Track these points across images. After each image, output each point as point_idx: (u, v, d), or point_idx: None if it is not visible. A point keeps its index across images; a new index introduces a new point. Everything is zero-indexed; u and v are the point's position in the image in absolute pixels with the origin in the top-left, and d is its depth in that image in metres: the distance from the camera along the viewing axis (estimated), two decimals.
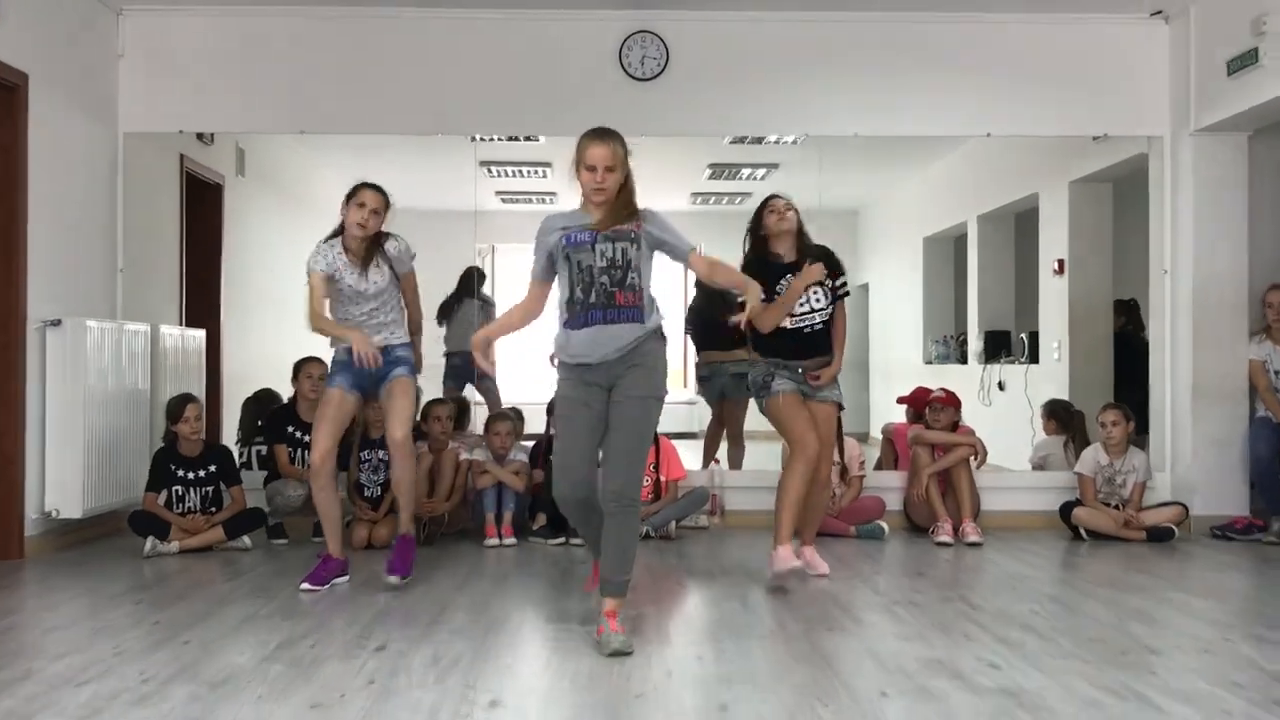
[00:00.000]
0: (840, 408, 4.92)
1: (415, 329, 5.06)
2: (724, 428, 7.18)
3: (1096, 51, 6.46)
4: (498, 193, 10.71)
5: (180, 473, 5.60)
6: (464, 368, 7.65)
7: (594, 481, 3.76)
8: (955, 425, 6.21)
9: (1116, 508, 5.99)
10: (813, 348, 4.80)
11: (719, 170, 9.97)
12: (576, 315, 3.74)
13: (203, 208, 7.58)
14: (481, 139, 8.30)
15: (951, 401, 6.23)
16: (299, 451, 5.86)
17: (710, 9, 6.36)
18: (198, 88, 6.35)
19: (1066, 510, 6.03)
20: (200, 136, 7.34)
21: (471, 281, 8.23)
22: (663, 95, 6.36)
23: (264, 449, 6.11)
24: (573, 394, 3.79)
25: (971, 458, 6.07)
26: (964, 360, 9.90)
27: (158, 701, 3.01)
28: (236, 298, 8.01)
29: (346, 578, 4.74)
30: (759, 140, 8.56)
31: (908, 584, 4.79)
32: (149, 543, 5.35)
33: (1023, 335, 8.90)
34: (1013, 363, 9.04)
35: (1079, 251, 8.07)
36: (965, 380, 9.02)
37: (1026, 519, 6.33)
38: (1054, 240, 8.32)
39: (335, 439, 4.76)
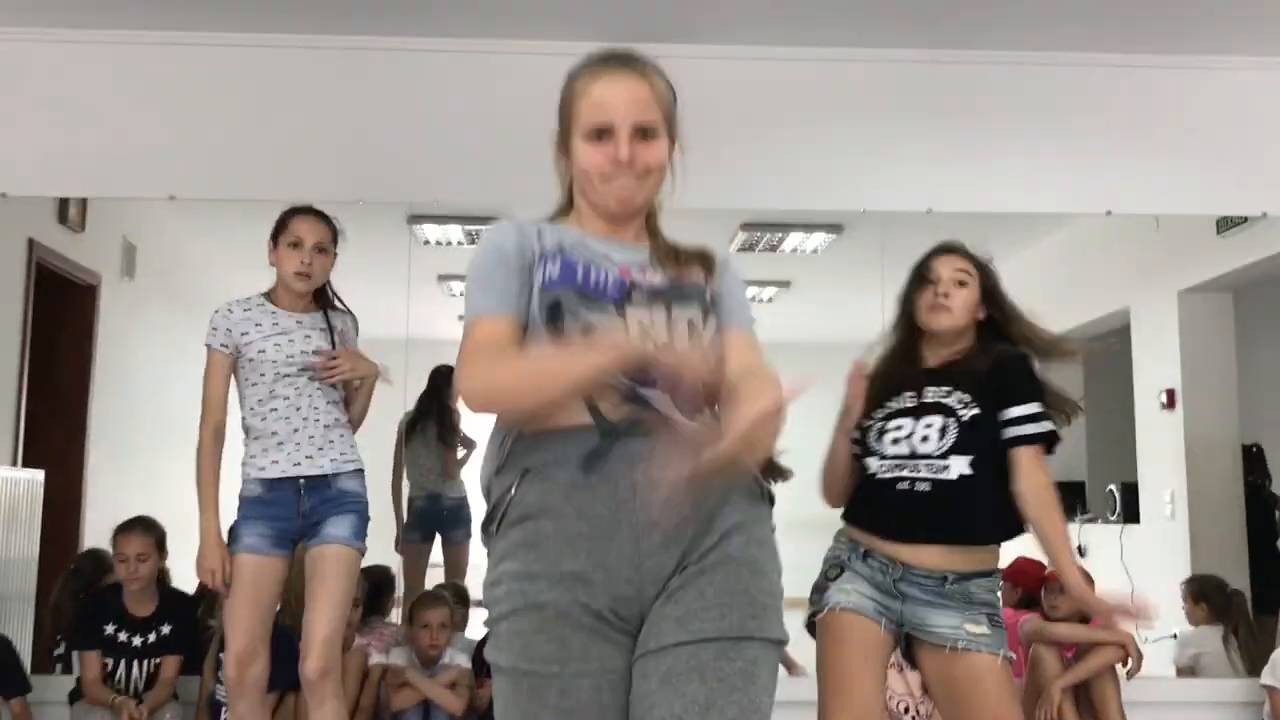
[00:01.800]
0: (1009, 660, 2.79)
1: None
2: None
3: (1242, 108, 4.96)
4: (461, 317, 9.11)
5: None
6: (428, 513, 5.75)
7: None
8: (1085, 614, 4.39)
9: None
10: (924, 522, 2.81)
11: None
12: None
13: (67, 314, 5.91)
14: (437, 243, 6.71)
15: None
16: (120, 664, 3.92)
17: (718, 42, 4.79)
18: (32, 140, 4.72)
19: None
20: (64, 219, 5.66)
21: (437, 386, 6.25)
22: None
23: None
24: (551, 641, 1.67)
25: (1120, 663, 4.25)
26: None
27: None
28: (112, 432, 6.26)
29: None
30: (774, 248, 7.01)
31: None
32: None
33: (1111, 487, 7.18)
34: (1094, 521, 7.31)
35: (1196, 381, 6.41)
36: (1028, 544, 7.29)
37: None
38: (1157, 366, 6.67)
39: (261, 629, 3.16)
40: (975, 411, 2.79)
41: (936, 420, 2.80)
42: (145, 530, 3.93)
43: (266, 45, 4.75)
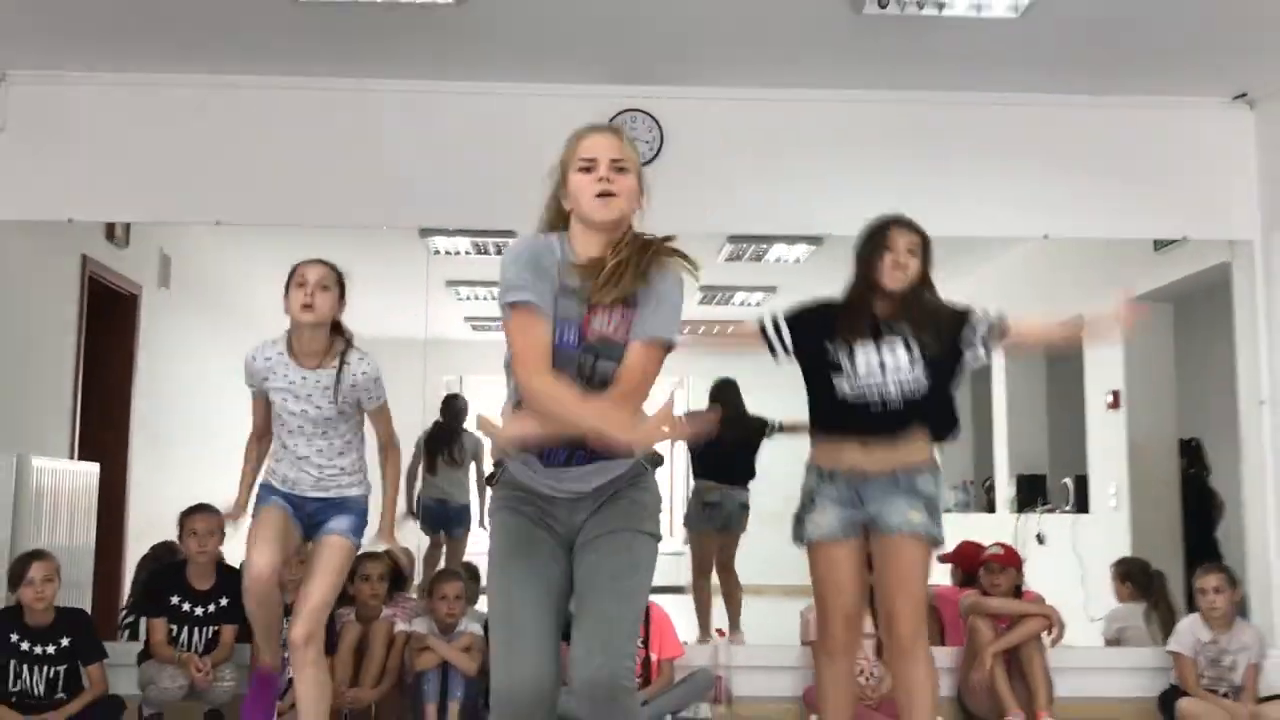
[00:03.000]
0: (934, 543, 3.56)
1: (393, 482, 3.95)
2: (710, 569, 6.34)
3: (1170, 142, 5.50)
4: (467, 318, 9.65)
5: (24, 645, 4.31)
6: (438, 514, 6.71)
7: (556, 678, 2.48)
8: (1018, 590, 5.01)
9: (1225, 695, 4.75)
10: (887, 430, 3.49)
11: (711, 294, 8.93)
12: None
13: (112, 321, 6.49)
14: (445, 252, 7.29)
15: (1013, 560, 5.05)
16: (184, 630, 4.56)
17: (713, 84, 5.37)
18: (93, 170, 5.26)
19: (1167, 700, 4.78)
20: (111, 236, 6.26)
21: (451, 414, 7.07)
22: (656, 184, 5.21)
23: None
24: (523, 529, 2.55)
25: (1045, 632, 4.85)
26: (991, 509, 8.75)
27: None
28: (152, 428, 6.84)
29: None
30: (759, 258, 7.59)
31: None
32: None
33: (1066, 480, 7.77)
34: (1053, 511, 7.89)
35: (1138, 383, 7.01)
36: (995, 532, 7.78)
37: (1106, 707, 5.06)
38: (1105, 370, 7.26)
39: (279, 558, 3.65)
40: (932, 347, 3.49)
41: (902, 353, 3.48)
42: (211, 511, 4.51)
43: (294, 88, 5.29)
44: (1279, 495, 5.32)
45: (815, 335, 3.54)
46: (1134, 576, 5.72)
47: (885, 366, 3.47)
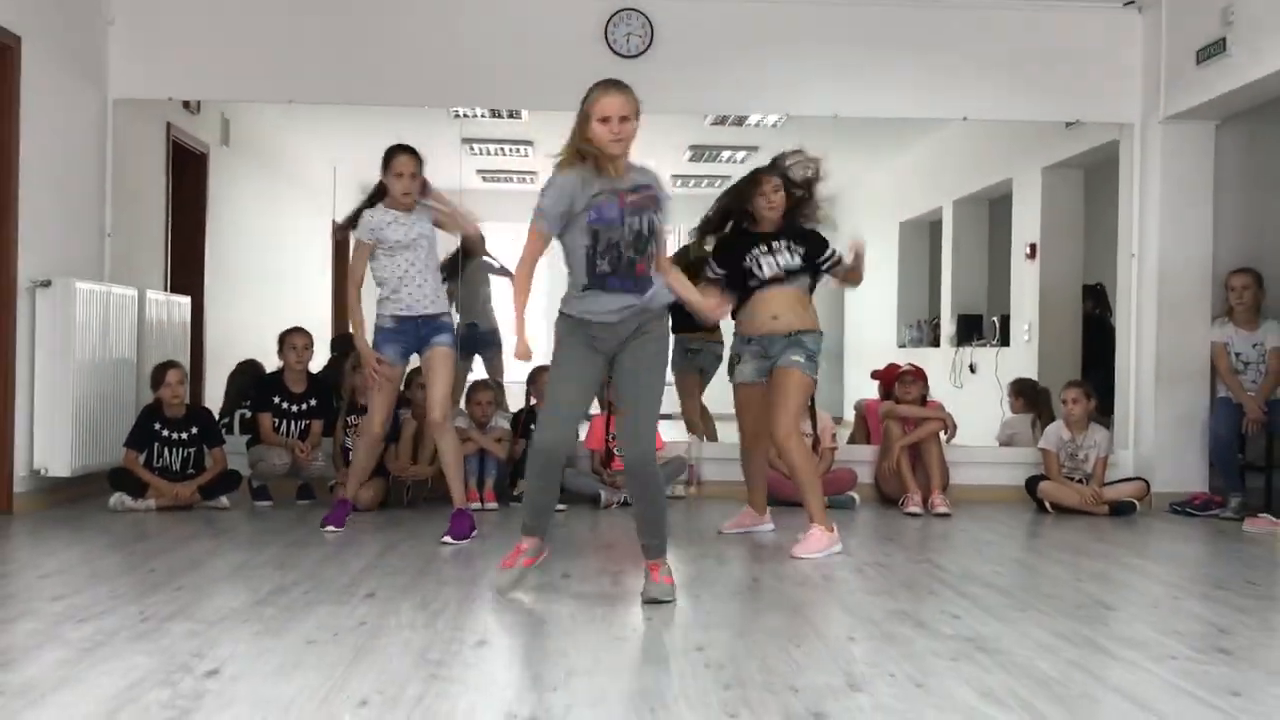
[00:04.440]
0: (810, 379, 4.95)
1: (474, 237, 5.83)
2: (692, 399, 7.37)
3: (1072, 40, 6.61)
4: (479, 171, 10.81)
5: (165, 432, 5.70)
6: (470, 337, 7.62)
7: (573, 444, 3.86)
8: (924, 399, 6.39)
9: (1080, 482, 6.18)
10: (782, 307, 4.91)
11: (699, 152, 10.09)
12: (596, 280, 3.68)
13: (187, 176, 7.68)
14: (465, 115, 8.42)
15: (920, 376, 6.41)
16: (284, 423, 5.99)
17: None
18: (186, 56, 6.41)
19: (1032, 484, 6.22)
20: (186, 105, 7.42)
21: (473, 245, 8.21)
22: (647, 73, 6.43)
23: (248, 413, 6.22)
24: (577, 347, 3.72)
25: (941, 432, 6.26)
26: (937, 344, 10.09)
27: (157, 637, 3.13)
28: (219, 267, 8.11)
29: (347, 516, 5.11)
30: (740, 122, 8.74)
31: (877, 548, 4.96)
32: (114, 498, 5.49)
33: (994, 319, 9.09)
34: (984, 346, 9.23)
35: (1050, 237, 8.27)
36: (938, 363, 9.20)
37: (994, 493, 6.51)
38: (1026, 225, 8.51)
39: (390, 411, 5.12)
40: (802, 250, 4.92)
41: (784, 256, 4.89)
42: (305, 332, 5.91)
43: None
44: (1139, 331, 6.63)
45: (732, 257, 4.99)
46: (1024, 392, 7.11)
47: (778, 264, 4.90)
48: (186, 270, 7.60)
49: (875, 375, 6.87)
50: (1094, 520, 5.90)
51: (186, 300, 7.15)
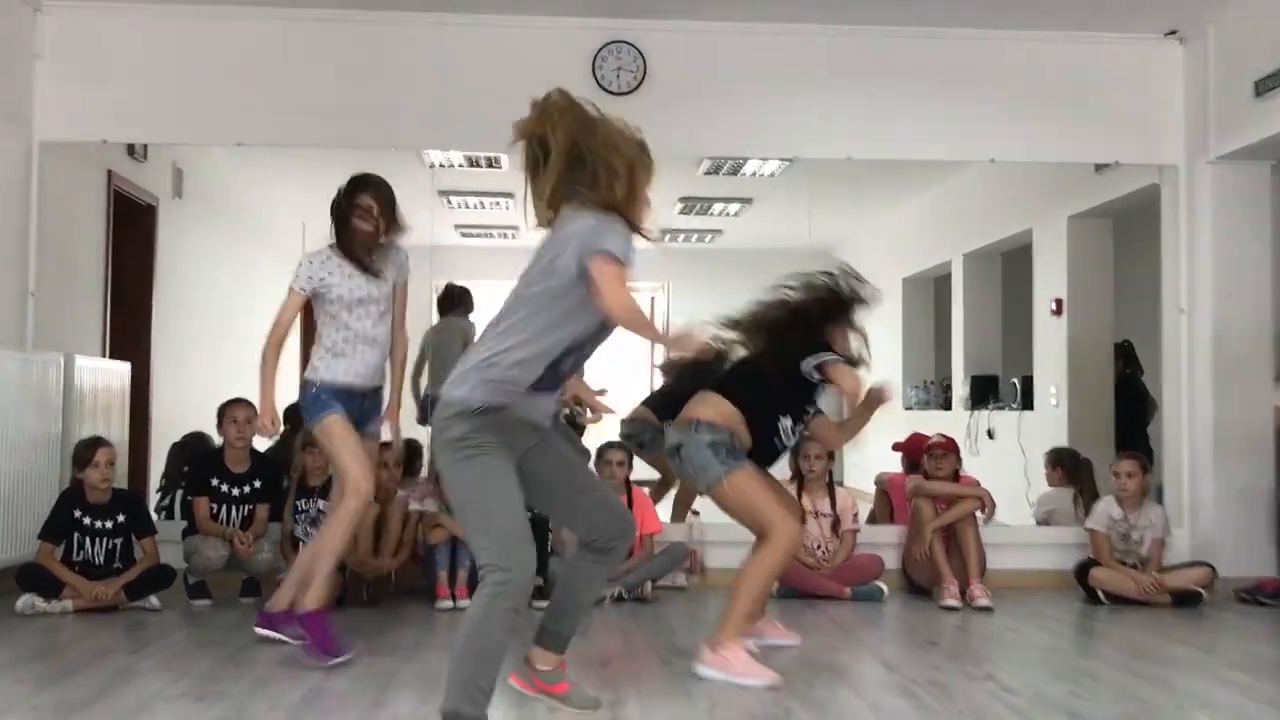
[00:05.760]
0: None
1: (399, 359, 4.41)
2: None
3: (1106, 75, 6.01)
4: (456, 226, 10.11)
5: (87, 521, 4.92)
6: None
7: None
8: (957, 475, 5.66)
9: (1134, 566, 5.45)
10: None
11: (690, 204, 9.44)
12: (546, 379, 2.90)
13: (134, 230, 6.94)
14: (440, 165, 7.75)
15: (952, 448, 5.69)
16: (223, 508, 5.19)
17: (692, 17, 5.84)
18: (124, 94, 5.70)
19: (1083, 570, 5.46)
20: (132, 152, 6.71)
21: (453, 302, 7.48)
22: (639, 112, 5.67)
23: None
24: (503, 450, 2.85)
25: (979, 511, 5.52)
26: (948, 406, 9.40)
27: None
28: (170, 331, 7.35)
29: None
30: (735, 171, 8.09)
31: (922, 657, 4.19)
32: (22, 600, 4.70)
33: (1014, 380, 8.41)
34: (1003, 409, 8.55)
35: (1078, 291, 7.61)
36: (950, 428, 8.38)
37: (1034, 578, 5.76)
38: (1051, 279, 7.85)
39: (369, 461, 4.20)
40: None
41: None
42: (247, 404, 5.11)
43: (306, 19, 5.70)
44: (1191, 394, 5.94)
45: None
46: (1063, 463, 6.38)
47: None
48: (130, 334, 6.84)
49: (897, 447, 6.15)
50: (1156, 613, 5.15)
51: (125, 367, 6.38)
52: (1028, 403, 8.19)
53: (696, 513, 5.99)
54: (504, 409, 2.82)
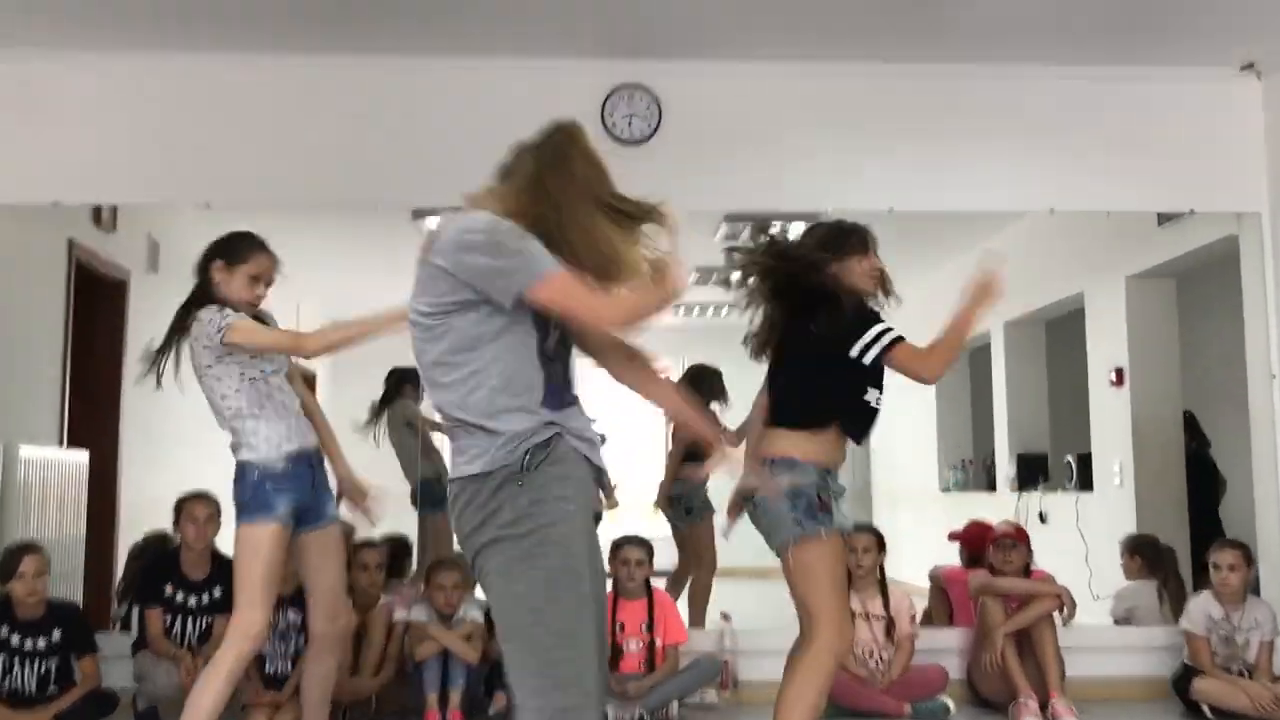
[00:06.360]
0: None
1: (329, 442, 3.83)
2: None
3: (1177, 114, 5.37)
4: None
5: (15, 639, 4.20)
6: (432, 493, 6.39)
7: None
8: (1028, 569, 4.92)
9: (1239, 674, 4.68)
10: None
11: (706, 275, 8.81)
12: (557, 391, 2.37)
13: (100, 306, 6.33)
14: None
15: (1022, 539, 4.96)
16: (179, 620, 4.45)
17: (713, 58, 5.22)
18: (79, 151, 5.09)
19: (1182, 680, 4.69)
20: (98, 220, 6.12)
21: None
22: (655, 163, 5.14)
23: None
24: (588, 522, 2.33)
25: (1057, 611, 4.78)
26: (991, 487, 8.67)
27: None
28: (142, 417, 6.68)
29: None
30: (761, 232, 7.47)
31: None
32: None
33: (1069, 458, 7.67)
34: (1054, 490, 7.81)
35: (1141, 358, 6.91)
36: (996, 511, 7.70)
37: (1118, 687, 5.01)
38: (1108, 346, 7.16)
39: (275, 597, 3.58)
40: None
41: None
42: (209, 500, 4.42)
43: (280, 67, 5.12)
44: None
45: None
46: (1144, 552, 5.63)
47: None
48: (97, 421, 6.19)
49: (955, 536, 5.42)
50: None
51: (83, 456, 5.76)
52: (1085, 483, 7.45)
53: (728, 617, 5.21)
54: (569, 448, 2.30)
